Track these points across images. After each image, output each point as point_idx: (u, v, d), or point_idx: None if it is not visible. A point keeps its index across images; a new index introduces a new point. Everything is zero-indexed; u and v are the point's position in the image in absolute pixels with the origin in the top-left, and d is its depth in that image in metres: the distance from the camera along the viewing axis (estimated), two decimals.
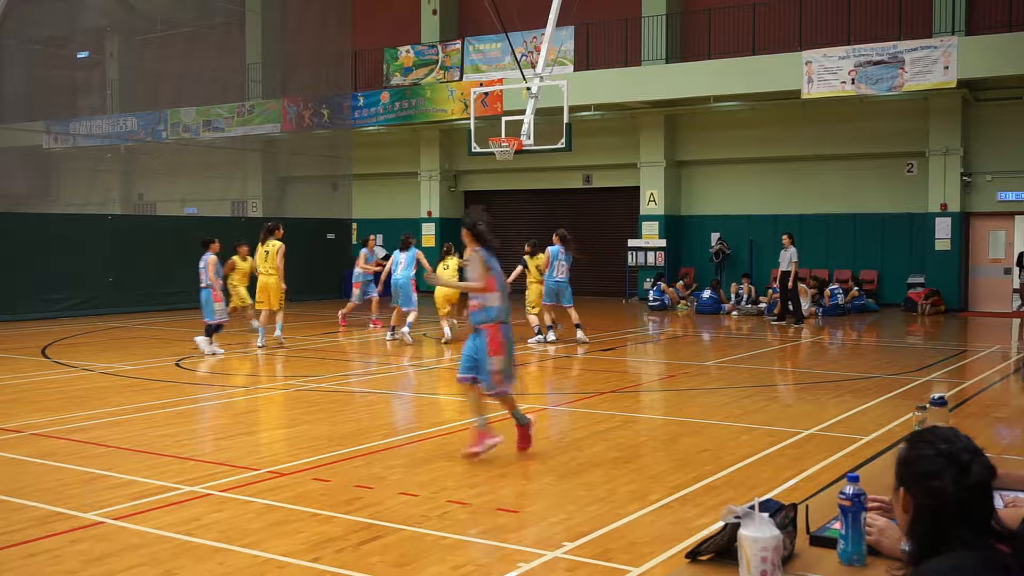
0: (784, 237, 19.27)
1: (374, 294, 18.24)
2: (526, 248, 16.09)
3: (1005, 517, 2.49)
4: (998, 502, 2.91)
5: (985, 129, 21.83)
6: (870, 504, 2.85)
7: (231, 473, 7.17)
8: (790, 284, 19.04)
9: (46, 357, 14.13)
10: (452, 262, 16.06)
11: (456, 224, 19.92)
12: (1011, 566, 2.18)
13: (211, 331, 14.17)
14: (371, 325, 17.93)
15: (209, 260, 14.13)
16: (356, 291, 18.11)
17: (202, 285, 14.14)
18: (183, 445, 8.10)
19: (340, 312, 18.42)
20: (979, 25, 21.02)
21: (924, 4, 21.61)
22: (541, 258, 15.76)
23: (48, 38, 31.66)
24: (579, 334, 15.54)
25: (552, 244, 15.71)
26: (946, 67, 19.51)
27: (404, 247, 16.23)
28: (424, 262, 15.99)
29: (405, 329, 15.70)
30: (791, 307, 19.31)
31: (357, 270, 18.10)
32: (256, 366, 13.66)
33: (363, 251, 18.09)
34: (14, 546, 5.46)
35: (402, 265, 16.07)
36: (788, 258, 18.91)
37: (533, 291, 15.81)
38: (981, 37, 20.25)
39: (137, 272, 21.60)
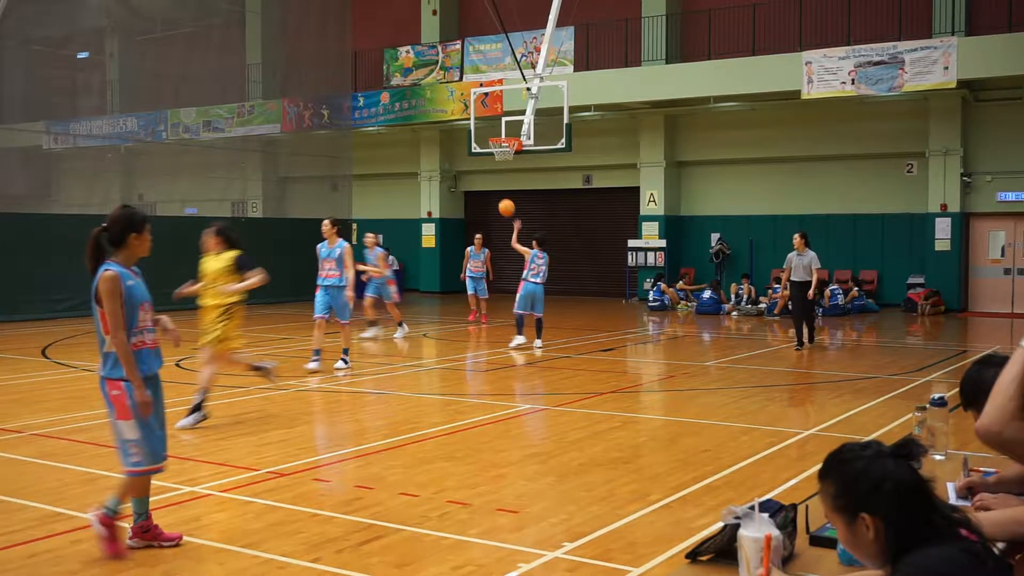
0: (797, 238, 15.43)
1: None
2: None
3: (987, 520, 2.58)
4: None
5: (985, 129, 21.82)
6: None
7: (231, 473, 7.18)
8: (811, 294, 15.15)
9: (46, 357, 14.13)
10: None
11: (456, 224, 19.92)
12: (982, 554, 2.28)
13: None
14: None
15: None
16: None
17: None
18: (183, 445, 8.10)
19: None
20: (979, 25, 21.02)
21: (924, 4, 21.62)
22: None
23: (48, 38, 31.63)
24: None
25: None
26: (946, 67, 19.51)
27: (541, 245, 15.05)
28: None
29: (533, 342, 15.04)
30: (806, 323, 15.44)
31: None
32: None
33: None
34: (15, 546, 5.46)
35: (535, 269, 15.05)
36: (810, 264, 15.16)
37: None
38: (981, 37, 20.25)
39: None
